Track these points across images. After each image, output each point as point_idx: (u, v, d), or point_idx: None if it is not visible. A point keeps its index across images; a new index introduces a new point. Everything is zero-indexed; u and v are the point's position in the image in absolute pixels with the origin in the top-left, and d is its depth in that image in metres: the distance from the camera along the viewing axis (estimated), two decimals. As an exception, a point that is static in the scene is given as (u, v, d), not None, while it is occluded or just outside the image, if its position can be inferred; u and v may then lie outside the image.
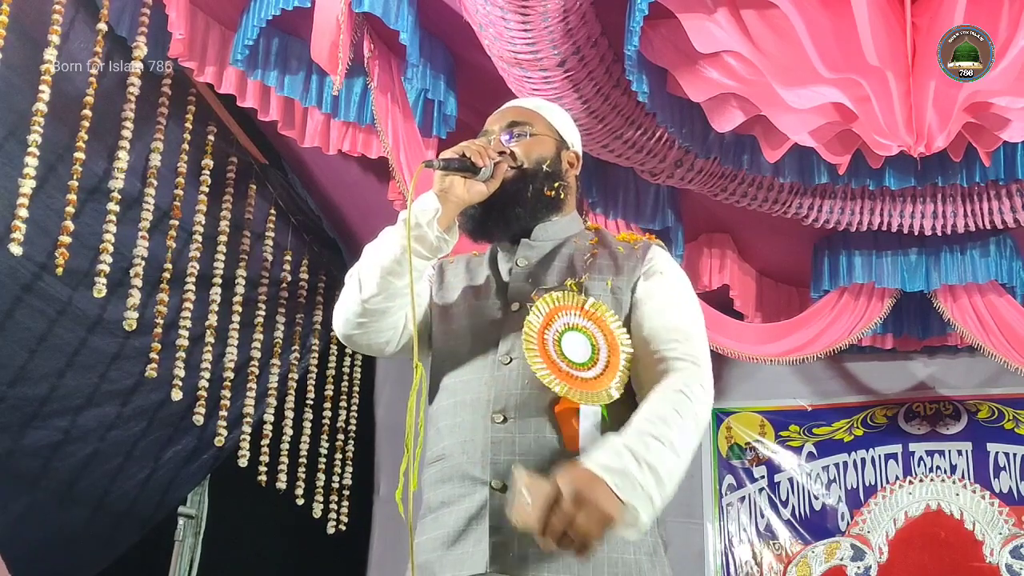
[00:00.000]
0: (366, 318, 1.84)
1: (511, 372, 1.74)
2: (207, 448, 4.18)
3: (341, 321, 1.89)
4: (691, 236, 4.53)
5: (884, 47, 2.98)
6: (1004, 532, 4.71)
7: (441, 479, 1.76)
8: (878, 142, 3.11)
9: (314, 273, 4.63)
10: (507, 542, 1.65)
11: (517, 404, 1.71)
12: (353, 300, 1.83)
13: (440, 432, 1.80)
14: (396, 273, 1.78)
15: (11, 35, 2.83)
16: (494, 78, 3.35)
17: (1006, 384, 4.82)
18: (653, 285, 1.80)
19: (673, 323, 1.76)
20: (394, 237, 1.79)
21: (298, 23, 3.44)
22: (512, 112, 1.94)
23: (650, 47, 3.23)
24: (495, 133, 1.91)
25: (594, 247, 1.86)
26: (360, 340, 1.90)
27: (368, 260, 1.81)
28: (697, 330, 1.80)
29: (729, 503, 5.09)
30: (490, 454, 1.69)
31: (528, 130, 1.89)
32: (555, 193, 1.88)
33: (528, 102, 2.01)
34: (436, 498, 1.76)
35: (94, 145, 3.14)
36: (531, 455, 1.67)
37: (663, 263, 1.84)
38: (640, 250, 1.85)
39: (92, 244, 3.21)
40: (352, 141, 3.80)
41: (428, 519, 1.77)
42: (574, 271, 1.81)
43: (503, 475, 1.67)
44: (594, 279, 1.80)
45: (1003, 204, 3.80)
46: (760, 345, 4.53)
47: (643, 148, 3.59)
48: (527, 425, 1.70)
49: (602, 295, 1.77)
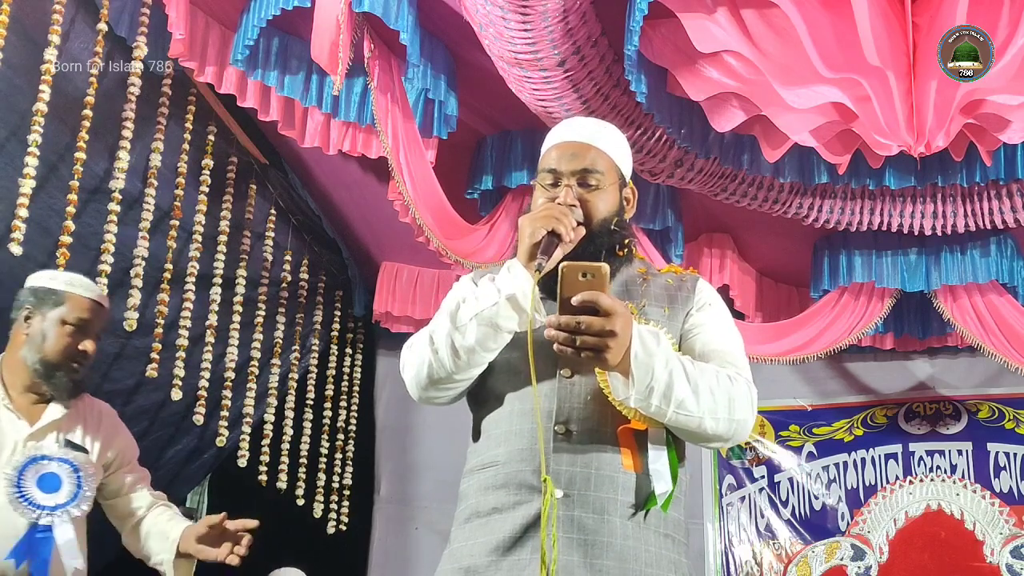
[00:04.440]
0: (457, 388, 1.85)
1: (574, 386, 1.76)
2: (207, 448, 4.18)
3: (422, 393, 1.86)
4: (691, 236, 4.54)
5: (884, 47, 2.98)
6: (1004, 532, 4.71)
7: (493, 485, 1.76)
8: (878, 142, 3.11)
9: (314, 273, 4.63)
10: (567, 554, 1.66)
11: (580, 418, 1.74)
12: (441, 372, 1.79)
13: (492, 439, 1.81)
14: (492, 352, 1.78)
15: (11, 35, 2.83)
16: (494, 78, 3.35)
17: (1006, 384, 4.82)
18: (705, 316, 1.89)
19: (726, 348, 1.86)
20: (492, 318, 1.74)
21: (298, 23, 3.44)
22: (582, 155, 1.88)
23: (650, 47, 3.23)
24: (564, 178, 1.86)
25: (643, 275, 1.92)
26: (442, 402, 1.90)
27: (461, 338, 1.75)
28: (743, 355, 1.90)
29: (729, 503, 5.09)
30: (551, 464, 1.71)
31: (596, 179, 1.87)
32: (625, 251, 1.93)
33: (590, 133, 1.93)
34: (487, 504, 1.76)
35: (95, 145, 3.14)
36: (592, 468, 1.71)
37: (711, 295, 1.94)
38: (689, 282, 1.94)
39: (93, 244, 3.21)
40: (352, 141, 3.80)
41: (475, 523, 1.77)
42: (630, 295, 1.86)
43: (564, 486, 1.69)
44: (652, 305, 1.86)
45: (1003, 204, 3.80)
46: (760, 345, 4.53)
47: (643, 148, 3.60)
48: (590, 439, 1.73)
49: (660, 320, 1.82)
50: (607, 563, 1.66)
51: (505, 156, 4.06)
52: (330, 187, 4.43)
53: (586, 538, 1.67)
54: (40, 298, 2.61)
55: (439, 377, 1.79)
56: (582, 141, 1.90)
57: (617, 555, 1.67)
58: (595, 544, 1.67)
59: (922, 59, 3.05)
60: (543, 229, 1.72)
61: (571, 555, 1.66)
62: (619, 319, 1.56)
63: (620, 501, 1.70)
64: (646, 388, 1.63)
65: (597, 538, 1.67)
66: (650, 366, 1.62)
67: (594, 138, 1.92)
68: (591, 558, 1.66)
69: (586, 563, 1.66)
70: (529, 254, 1.71)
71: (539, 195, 1.88)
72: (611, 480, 1.70)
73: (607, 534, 1.68)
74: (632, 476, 1.71)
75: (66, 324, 2.59)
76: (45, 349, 2.58)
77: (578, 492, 1.69)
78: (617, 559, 1.67)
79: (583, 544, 1.66)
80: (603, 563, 1.66)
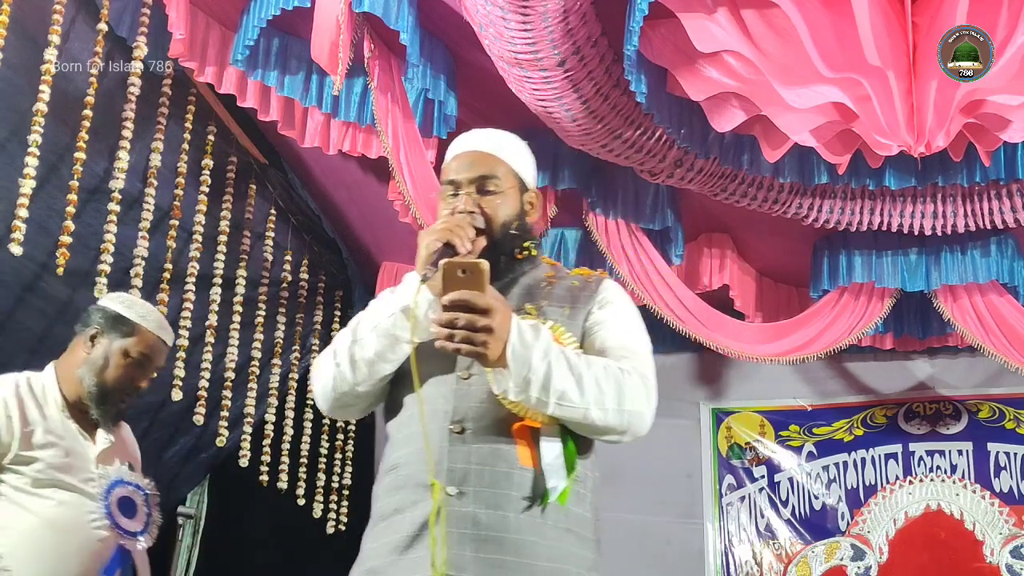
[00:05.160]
0: (362, 401, 1.91)
1: (471, 387, 1.80)
2: (207, 448, 4.18)
3: (330, 406, 1.92)
4: (691, 236, 4.54)
5: (885, 46, 2.98)
6: (1004, 532, 4.71)
7: (395, 487, 1.81)
8: (878, 142, 3.11)
9: (314, 273, 4.63)
10: (460, 549, 1.69)
11: (475, 416, 1.77)
12: (345, 386, 1.86)
13: (395, 443, 1.86)
14: (393, 363, 1.84)
15: (11, 35, 2.83)
16: (494, 78, 3.35)
17: (1006, 384, 4.82)
18: (606, 313, 1.92)
19: (624, 343, 1.88)
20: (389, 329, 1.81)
21: (298, 23, 3.44)
22: (480, 163, 1.94)
23: (650, 47, 3.23)
24: (463, 186, 1.92)
25: (550, 278, 1.97)
26: (353, 415, 1.99)
27: (361, 350, 1.82)
28: (645, 350, 1.91)
29: (729, 503, 5.09)
30: (447, 462, 1.74)
31: (496, 186, 1.92)
32: (525, 254, 1.97)
33: (489, 142, 1.99)
34: (389, 505, 1.80)
35: (94, 145, 3.14)
36: (486, 466, 1.74)
37: (615, 294, 1.97)
38: (594, 283, 1.97)
39: (93, 244, 3.21)
40: (352, 141, 3.80)
41: (380, 526, 1.81)
42: (532, 297, 1.90)
43: (459, 483, 1.73)
44: (552, 306, 1.90)
45: (1003, 204, 3.80)
46: (760, 345, 4.53)
47: (643, 148, 3.59)
48: (485, 437, 1.76)
49: (560, 320, 1.86)
50: (502, 557, 1.69)
51: (505, 156, 4.05)
52: (330, 187, 4.43)
53: (479, 533, 1.69)
54: (111, 323, 2.61)
55: (344, 390, 1.85)
56: (480, 150, 1.97)
57: (513, 549, 1.70)
58: (488, 539, 1.69)
59: (922, 59, 3.05)
60: (438, 242, 1.75)
61: (463, 550, 1.69)
62: (496, 315, 1.61)
63: (516, 497, 1.73)
64: (523, 380, 1.66)
65: (491, 533, 1.70)
66: (527, 358, 1.65)
67: (491, 147, 1.98)
68: (483, 552, 1.68)
69: (478, 557, 1.68)
70: (423, 265, 1.76)
71: (441, 207, 1.93)
72: (507, 476, 1.73)
73: (501, 529, 1.70)
74: (529, 472, 1.74)
75: (129, 356, 2.60)
76: (105, 376, 2.58)
77: (473, 489, 1.72)
78: (513, 553, 1.69)
79: (476, 539, 1.69)
80: (496, 557, 1.68)
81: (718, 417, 5.21)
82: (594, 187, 4.13)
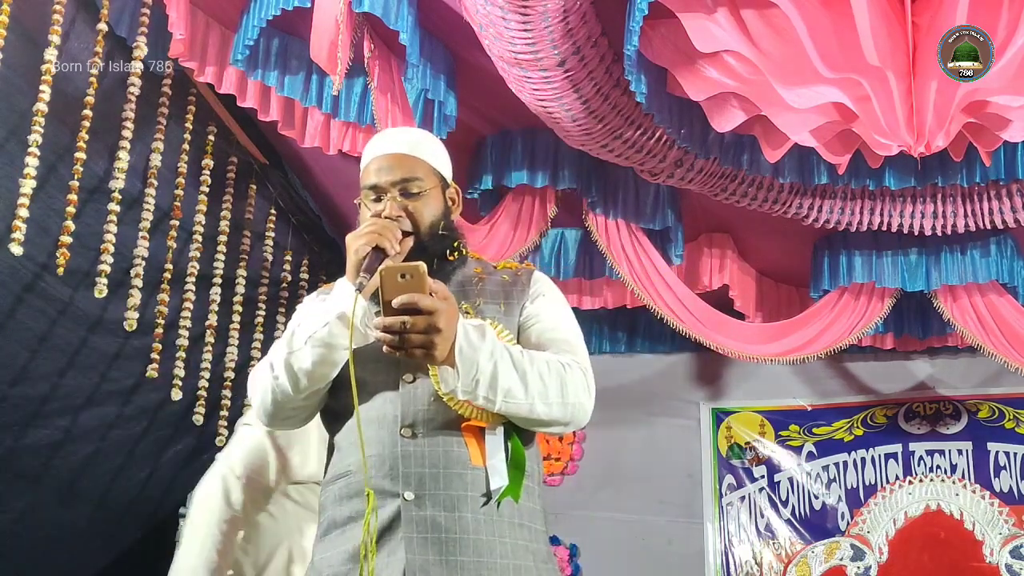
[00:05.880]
0: (302, 411, 1.89)
1: (416, 389, 1.80)
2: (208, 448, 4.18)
3: (269, 418, 1.89)
4: (691, 236, 4.54)
5: (884, 47, 2.98)
6: (1004, 532, 4.71)
7: (347, 495, 1.80)
8: (878, 142, 3.11)
9: (314, 273, 4.63)
10: (422, 553, 1.69)
11: (425, 419, 1.78)
12: (284, 397, 1.83)
13: (343, 450, 1.85)
14: (332, 370, 1.81)
15: (11, 35, 2.83)
16: (494, 78, 3.35)
17: (1006, 384, 4.83)
18: (538, 306, 1.95)
19: (560, 336, 1.90)
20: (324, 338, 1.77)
21: (298, 23, 3.44)
22: (400, 165, 1.93)
23: (650, 47, 3.23)
24: (386, 190, 1.90)
25: (479, 274, 1.98)
26: (293, 426, 1.96)
27: (298, 360, 1.79)
28: (581, 343, 1.94)
29: (729, 503, 5.09)
30: (400, 467, 1.74)
31: (418, 186, 1.92)
32: (456, 255, 1.98)
33: (404, 143, 1.98)
34: (342, 513, 1.79)
35: (94, 145, 3.14)
36: (440, 468, 1.75)
37: (545, 287, 2.00)
38: (524, 276, 2.00)
39: (93, 244, 3.21)
40: (352, 141, 3.80)
41: (333, 534, 1.80)
42: (466, 296, 1.91)
43: (415, 487, 1.73)
44: (487, 303, 1.92)
45: (1003, 204, 3.80)
46: (760, 345, 4.54)
47: (643, 148, 3.60)
48: (436, 439, 1.77)
49: (496, 316, 1.88)
50: (463, 559, 1.69)
51: (505, 156, 4.06)
52: (330, 187, 4.43)
53: (440, 536, 1.70)
54: None
55: (282, 401, 1.84)
56: (397, 152, 1.95)
57: (473, 549, 1.71)
58: (449, 541, 1.70)
59: (922, 59, 3.05)
60: (367, 246, 1.75)
61: (427, 554, 1.69)
62: (442, 316, 1.60)
63: (471, 496, 1.74)
64: (472, 380, 1.67)
65: (451, 535, 1.71)
66: (474, 359, 1.66)
67: (408, 147, 1.97)
68: (447, 555, 1.69)
69: (442, 560, 1.69)
70: (355, 271, 1.75)
71: (364, 212, 1.93)
72: (460, 477, 1.74)
73: (461, 530, 1.71)
74: (481, 471, 1.76)
75: None
76: None
77: (429, 492, 1.72)
78: (473, 553, 1.70)
79: (438, 542, 1.70)
80: (459, 559, 1.69)
81: (718, 417, 5.21)
82: (594, 187, 4.13)
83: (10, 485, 3.51)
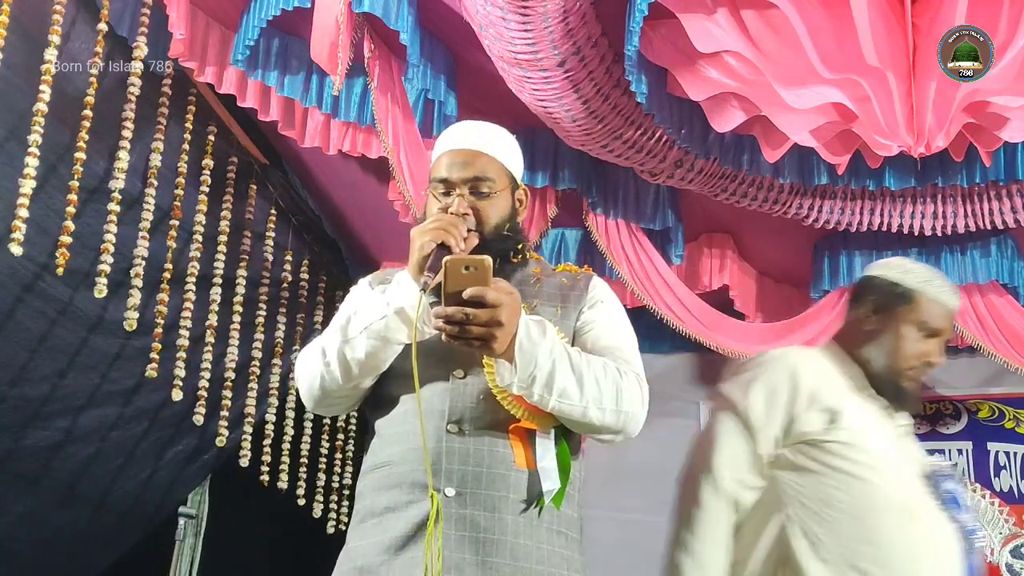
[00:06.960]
0: (349, 399, 1.89)
1: (467, 386, 1.79)
2: (208, 448, 4.18)
3: (316, 403, 1.89)
4: (691, 236, 4.54)
5: (884, 47, 2.98)
6: (1004, 531, 4.71)
7: (387, 485, 1.78)
8: (878, 142, 3.11)
9: (314, 273, 4.63)
10: (459, 551, 1.68)
11: (472, 417, 1.76)
12: (333, 384, 1.83)
13: (386, 439, 1.84)
14: (385, 363, 1.81)
15: (11, 35, 2.83)
16: (494, 78, 3.35)
17: (1006, 384, 4.82)
18: (596, 312, 1.93)
19: (616, 343, 1.89)
20: (381, 331, 1.77)
21: (298, 23, 3.44)
22: (473, 163, 1.91)
23: (650, 47, 3.23)
24: (456, 186, 1.89)
25: (538, 275, 1.96)
26: (338, 411, 1.99)
27: (352, 351, 1.78)
28: (636, 351, 1.93)
29: (729, 503, 5.08)
30: (444, 462, 1.73)
31: (489, 187, 1.90)
32: (520, 258, 1.97)
33: (480, 140, 1.96)
34: (380, 503, 1.78)
35: (94, 145, 3.14)
36: (484, 467, 1.73)
37: (604, 293, 1.98)
38: (582, 281, 1.98)
39: (93, 244, 3.21)
40: (352, 141, 3.80)
41: (369, 523, 1.79)
42: (523, 295, 1.86)
43: (457, 484, 1.72)
44: (544, 305, 1.90)
45: (1003, 204, 3.80)
46: (760, 345, 4.52)
47: (643, 148, 3.60)
48: (481, 438, 1.75)
49: (552, 319, 1.85)
50: (499, 561, 1.68)
51: (505, 156, 4.05)
52: (330, 187, 4.43)
53: (479, 536, 1.69)
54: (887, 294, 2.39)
55: (332, 389, 1.83)
56: (472, 148, 1.93)
57: (510, 553, 1.69)
58: (487, 542, 1.69)
59: (922, 59, 3.05)
60: (432, 242, 1.73)
61: (464, 553, 1.68)
62: (505, 309, 1.60)
63: (512, 499, 1.72)
64: (529, 376, 1.66)
65: (490, 536, 1.69)
66: (533, 355, 1.66)
67: (484, 144, 1.94)
68: (484, 555, 1.68)
69: (478, 560, 1.67)
70: (418, 267, 1.73)
71: (432, 204, 1.90)
72: (503, 478, 1.73)
73: (499, 532, 1.70)
74: (524, 474, 1.74)
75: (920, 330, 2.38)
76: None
77: (470, 490, 1.71)
78: (510, 557, 1.69)
79: (475, 541, 1.68)
80: (495, 560, 1.68)
81: (718, 417, 5.20)
82: (594, 187, 4.13)
83: (10, 486, 3.51)
